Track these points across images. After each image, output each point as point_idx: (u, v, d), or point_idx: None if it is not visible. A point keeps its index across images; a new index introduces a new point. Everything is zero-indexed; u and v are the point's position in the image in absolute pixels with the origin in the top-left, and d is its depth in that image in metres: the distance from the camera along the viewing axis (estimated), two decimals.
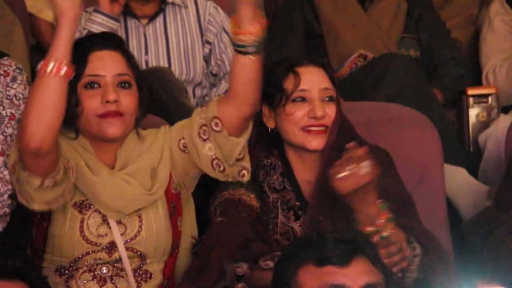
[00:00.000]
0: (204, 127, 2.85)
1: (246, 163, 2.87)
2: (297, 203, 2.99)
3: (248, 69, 2.78)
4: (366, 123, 3.19)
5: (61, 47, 2.61)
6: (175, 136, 2.93)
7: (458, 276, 3.10)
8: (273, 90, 2.94)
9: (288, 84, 2.92)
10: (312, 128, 2.87)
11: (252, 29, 2.70)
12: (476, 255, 3.26)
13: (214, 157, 2.85)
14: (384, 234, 2.59)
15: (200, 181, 2.98)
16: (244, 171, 2.88)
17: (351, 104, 3.45)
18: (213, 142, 2.84)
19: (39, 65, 2.66)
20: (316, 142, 2.87)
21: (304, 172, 2.96)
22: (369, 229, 2.60)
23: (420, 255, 2.69)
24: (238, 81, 2.82)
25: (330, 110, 2.90)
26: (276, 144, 3.02)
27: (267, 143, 3.04)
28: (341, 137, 2.92)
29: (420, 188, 3.24)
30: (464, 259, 3.42)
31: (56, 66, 2.58)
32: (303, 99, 2.90)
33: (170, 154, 2.94)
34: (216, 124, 2.81)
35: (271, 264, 2.63)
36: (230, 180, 2.90)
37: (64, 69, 2.59)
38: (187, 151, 2.89)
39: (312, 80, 2.95)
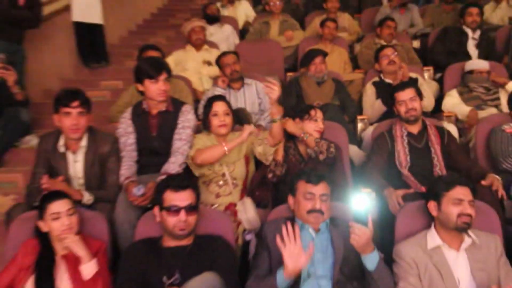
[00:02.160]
0: (260, 141, 3.50)
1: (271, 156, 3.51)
2: (301, 160, 3.65)
3: (276, 127, 3.36)
4: None
5: (234, 145, 3.44)
6: (250, 141, 3.58)
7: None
8: (304, 114, 3.71)
9: (312, 113, 3.70)
10: (318, 130, 3.68)
11: (277, 113, 3.32)
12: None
13: (260, 152, 3.53)
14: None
15: None
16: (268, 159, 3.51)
17: None
18: (262, 146, 3.50)
19: (224, 144, 3.41)
20: (318, 136, 3.66)
21: (304, 148, 3.67)
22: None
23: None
24: (273, 132, 3.39)
25: (323, 125, 3.72)
26: (292, 138, 3.71)
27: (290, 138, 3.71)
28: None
29: (338, 154, 3.69)
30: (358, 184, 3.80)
31: (226, 146, 3.40)
32: (316, 120, 3.70)
33: (246, 144, 3.59)
34: (267, 141, 3.45)
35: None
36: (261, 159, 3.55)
37: (226, 151, 3.40)
38: (252, 146, 3.58)
39: (318, 114, 3.72)
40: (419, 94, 3.88)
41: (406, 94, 3.80)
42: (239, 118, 4.14)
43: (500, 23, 6.14)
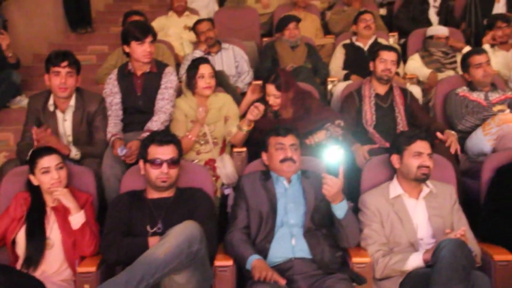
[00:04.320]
0: (236, 124, 3.48)
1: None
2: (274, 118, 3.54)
3: (240, 136, 3.44)
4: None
5: (196, 131, 3.37)
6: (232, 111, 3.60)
7: None
8: (265, 82, 3.58)
9: (267, 88, 3.54)
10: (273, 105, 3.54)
11: (247, 126, 3.39)
12: None
13: (229, 131, 3.50)
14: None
15: None
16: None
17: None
18: (234, 129, 3.47)
19: (187, 134, 3.35)
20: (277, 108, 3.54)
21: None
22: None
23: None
24: (236, 138, 3.46)
25: (280, 98, 3.51)
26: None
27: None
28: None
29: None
30: None
31: (190, 137, 3.35)
32: (268, 95, 3.53)
33: (227, 107, 3.60)
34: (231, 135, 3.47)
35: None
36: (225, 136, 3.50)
37: (193, 139, 3.36)
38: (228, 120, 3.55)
39: (270, 89, 3.54)
40: (398, 62, 3.90)
41: (389, 55, 3.77)
42: (218, 80, 3.97)
43: None
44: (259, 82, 4.16)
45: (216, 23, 5.09)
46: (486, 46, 4.61)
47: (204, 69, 3.53)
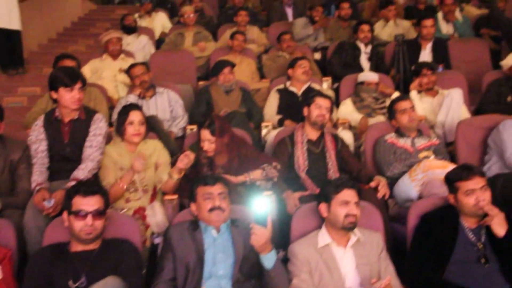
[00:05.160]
0: (167, 171, 3.42)
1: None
2: (210, 168, 3.51)
3: (171, 183, 3.38)
4: None
5: (127, 179, 3.30)
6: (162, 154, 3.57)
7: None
8: (200, 127, 3.58)
9: (202, 133, 3.52)
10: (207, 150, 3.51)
11: (177, 174, 3.34)
12: None
13: (160, 179, 3.45)
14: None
15: None
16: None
17: None
18: (165, 176, 3.42)
19: (119, 183, 3.27)
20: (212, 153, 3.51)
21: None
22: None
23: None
24: (167, 185, 3.41)
25: (214, 143, 3.50)
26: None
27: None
28: None
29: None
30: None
31: (121, 185, 3.28)
32: (203, 141, 3.50)
33: (157, 153, 3.56)
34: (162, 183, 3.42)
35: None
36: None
37: (125, 187, 3.30)
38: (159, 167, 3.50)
39: (204, 135, 3.51)
40: (331, 109, 3.97)
41: (325, 102, 3.85)
42: (151, 125, 4.00)
43: (388, 39, 6.24)
44: (194, 126, 4.22)
45: (152, 66, 5.17)
46: (413, 92, 4.77)
47: (133, 116, 3.50)
